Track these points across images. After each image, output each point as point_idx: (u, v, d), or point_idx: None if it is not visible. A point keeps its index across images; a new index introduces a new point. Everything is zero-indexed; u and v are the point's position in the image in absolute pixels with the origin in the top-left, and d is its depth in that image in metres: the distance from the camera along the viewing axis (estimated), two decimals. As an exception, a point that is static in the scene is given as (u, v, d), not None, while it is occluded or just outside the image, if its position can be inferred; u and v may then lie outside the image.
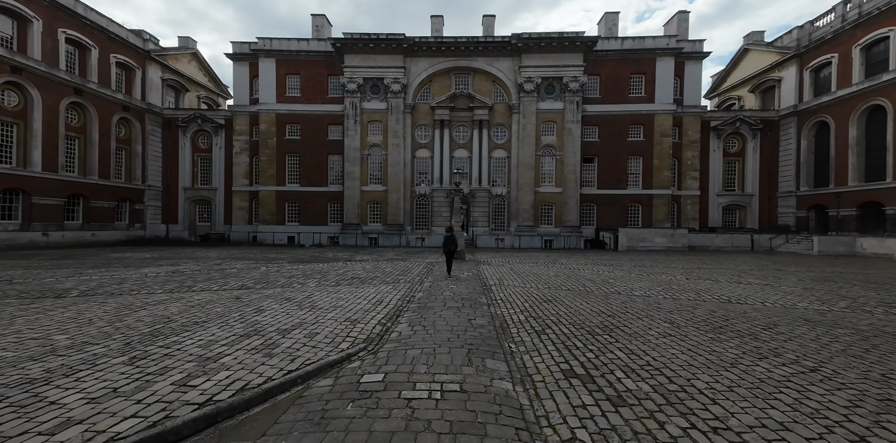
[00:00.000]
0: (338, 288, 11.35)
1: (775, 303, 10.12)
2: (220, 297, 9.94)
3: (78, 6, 31.10)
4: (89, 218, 32.39)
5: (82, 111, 31.99)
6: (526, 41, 31.99)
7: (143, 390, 4.38)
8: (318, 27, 36.80)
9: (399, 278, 13.37)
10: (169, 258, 20.58)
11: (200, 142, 38.92)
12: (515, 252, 27.96)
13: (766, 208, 37.27)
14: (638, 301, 9.92)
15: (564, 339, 6.61)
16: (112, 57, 34.35)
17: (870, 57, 31.06)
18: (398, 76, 33.24)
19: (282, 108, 35.13)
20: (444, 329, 6.96)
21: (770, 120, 37.22)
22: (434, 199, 34.03)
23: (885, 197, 29.05)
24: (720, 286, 12.62)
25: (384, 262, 19.20)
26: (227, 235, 36.99)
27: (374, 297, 10.05)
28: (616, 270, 16.47)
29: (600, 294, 10.86)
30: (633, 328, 7.26)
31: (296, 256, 22.43)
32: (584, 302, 9.68)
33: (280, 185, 35.14)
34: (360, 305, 9.06)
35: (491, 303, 9.49)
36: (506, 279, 13.42)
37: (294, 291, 10.87)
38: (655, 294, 11.02)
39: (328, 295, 10.21)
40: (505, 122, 34.00)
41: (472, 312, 8.28)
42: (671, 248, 30.30)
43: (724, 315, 8.50)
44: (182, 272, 14.92)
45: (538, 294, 10.69)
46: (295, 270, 15.69)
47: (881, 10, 29.15)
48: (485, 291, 11.10)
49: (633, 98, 34.36)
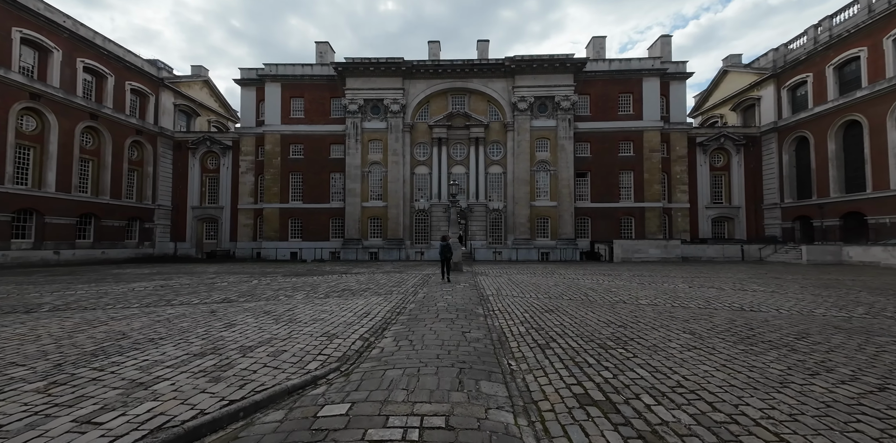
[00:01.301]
0: (325, 300, 10.06)
1: (791, 310, 8.84)
2: (196, 311, 8.66)
3: (97, 38, 31.18)
4: (100, 236, 31.45)
5: (97, 135, 31.52)
6: (519, 63, 31.56)
7: (33, 428, 3.13)
8: (322, 53, 36.57)
9: (392, 290, 12.07)
10: (166, 273, 19.32)
11: (209, 163, 38.24)
12: (513, 264, 26.64)
13: (753, 220, 36.21)
14: (647, 310, 8.64)
15: (573, 354, 5.31)
16: (127, 84, 34.17)
17: (843, 75, 30.87)
18: (397, 97, 32.70)
19: (286, 129, 34.49)
20: (434, 344, 5.67)
21: (752, 136, 36.61)
22: (433, 214, 32.93)
23: (867, 207, 28.29)
24: (726, 294, 11.33)
25: (380, 274, 17.86)
26: (233, 252, 35.78)
27: (362, 309, 8.77)
28: (616, 280, 15.17)
29: (605, 303, 9.58)
30: (651, 340, 5.98)
31: (293, 270, 21.11)
32: (589, 311, 8.39)
33: (283, 202, 34.13)
34: (343, 317, 7.78)
35: (488, 314, 8.21)
36: (503, 289, 12.13)
37: (277, 304, 9.58)
38: (663, 302, 9.73)
39: (312, 308, 8.92)
40: (500, 139, 33.24)
41: (467, 324, 7.00)
42: (665, 259, 28.98)
43: (746, 324, 7.21)
44: (170, 286, 13.64)
45: (538, 304, 9.40)
46: (286, 283, 14.39)
47: (850, 33, 29.08)
48: (481, 301, 9.83)
49: (622, 116, 33.72)
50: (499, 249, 32.16)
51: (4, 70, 24.68)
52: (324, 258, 33.06)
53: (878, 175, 27.53)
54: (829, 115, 30.67)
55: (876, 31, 27.54)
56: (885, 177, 26.99)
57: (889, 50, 26.94)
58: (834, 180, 30.76)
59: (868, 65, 28.35)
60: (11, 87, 25.09)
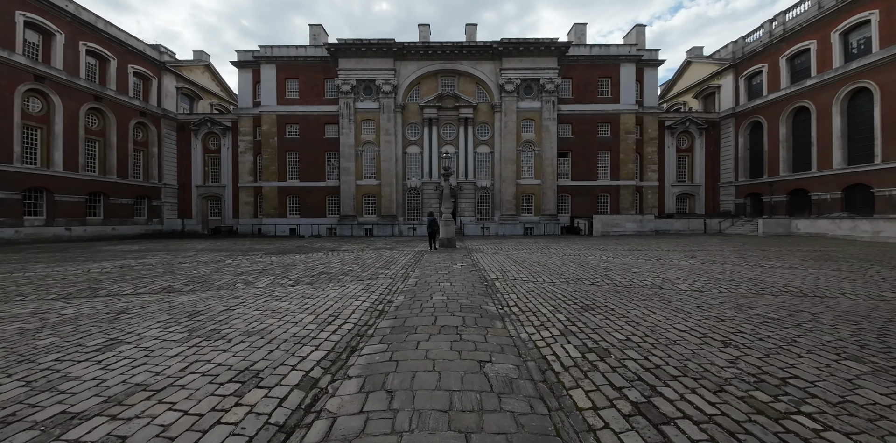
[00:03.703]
0: (290, 290, 6.57)
1: (859, 294, 5.81)
2: (99, 312, 5.13)
3: (99, 22, 26.62)
4: (110, 214, 27.58)
5: (101, 116, 27.20)
6: (506, 45, 27.15)
7: None
8: (315, 36, 31.29)
9: (378, 273, 8.56)
10: (151, 251, 15.51)
11: (210, 143, 33.45)
12: (501, 239, 23.40)
13: (711, 197, 33.86)
14: (712, 303, 5.42)
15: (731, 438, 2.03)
16: (130, 67, 29.26)
17: (794, 66, 28.45)
18: (389, 78, 28.10)
19: (281, 110, 29.73)
20: (436, 399, 2.42)
21: (712, 120, 33.66)
22: (424, 191, 29.18)
23: (811, 185, 26.72)
24: (754, 272, 8.26)
25: (370, 251, 14.18)
26: (236, 228, 31.77)
27: (332, 305, 5.34)
28: (618, 256, 11.98)
29: (643, 291, 6.35)
30: (834, 389, 2.74)
31: (282, 246, 17.12)
32: (642, 308, 5.12)
33: (281, 181, 29.83)
34: (296, 327, 4.34)
35: (504, 313, 4.89)
36: (508, 271, 8.75)
37: (222, 298, 6.07)
38: (708, 288, 6.59)
39: (263, 305, 5.43)
40: (488, 120, 29.16)
41: (482, 341, 3.68)
42: (640, 232, 26.16)
43: (880, 325, 4.05)
44: (130, 268, 9.99)
45: (563, 294, 6.10)
46: (261, 263, 10.71)
47: (802, 27, 26.69)
48: (488, 289, 6.49)
49: (601, 99, 29.90)
50: (486, 225, 28.83)
51: (9, 52, 21.28)
52: (321, 234, 29.29)
53: (822, 156, 25.95)
54: (782, 101, 28.49)
55: (825, 26, 25.33)
56: (829, 158, 25.46)
57: (836, 43, 24.85)
58: (783, 161, 28.93)
59: (817, 56, 26.15)
60: (16, 69, 21.79)
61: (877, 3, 22.11)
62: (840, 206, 24.94)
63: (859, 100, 23.82)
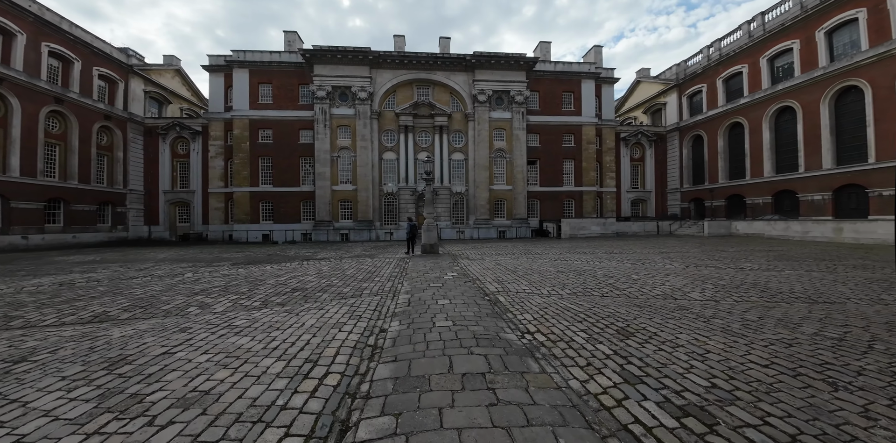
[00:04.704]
0: (255, 316, 4.95)
1: (861, 299, 5.19)
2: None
3: (63, 23, 23.48)
4: (71, 221, 24.00)
5: (63, 119, 23.80)
6: (479, 58, 26.40)
7: None
8: (290, 42, 28.99)
9: (363, 287, 7.04)
10: (106, 262, 12.90)
11: (179, 148, 29.87)
12: (479, 243, 22.36)
13: (660, 201, 34.93)
14: (751, 318, 4.51)
15: None
16: (95, 70, 25.89)
17: (729, 86, 29.88)
18: (364, 85, 26.39)
19: (254, 114, 27.06)
20: None
21: (660, 134, 34.87)
22: (401, 196, 27.61)
23: (746, 191, 27.97)
24: (743, 275, 7.68)
25: (349, 259, 12.43)
26: (205, 235, 28.39)
27: (308, 341, 3.84)
28: (604, 261, 11.18)
29: (660, 303, 5.39)
30: None
31: (252, 256, 14.83)
32: (685, 330, 4.09)
33: (254, 186, 27.07)
34: (259, 384, 2.85)
35: (531, 345, 3.67)
36: (505, 281, 7.49)
37: (166, 329, 4.39)
38: (721, 297, 5.77)
39: (217, 343, 3.83)
40: (462, 128, 28.20)
41: (528, 400, 2.44)
42: (603, 234, 26.19)
43: None
44: (71, 285, 7.84)
45: (582, 311, 4.98)
46: (225, 277, 8.75)
47: (736, 52, 28.12)
48: (494, 307, 5.24)
49: (565, 111, 29.92)
50: (461, 229, 27.72)
51: (-39, 52, 17.58)
52: (295, 240, 26.81)
53: (755, 166, 27.22)
54: (719, 117, 29.75)
55: (755, 52, 26.75)
56: (761, 167, 26.74)
57: (764, 67, 26.30)
58: (722, 170, 30.18)
59: (749, 78, 27.52)
60: (-30, 69, 18.25)
61: (798, 33, 23.60)
62: (771, 209, 26.27)
63: (785, 116, 25.27)
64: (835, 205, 21.92)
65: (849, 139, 21.44)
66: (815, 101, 22.64)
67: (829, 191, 22.01)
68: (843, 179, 21.24)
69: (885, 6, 18.93)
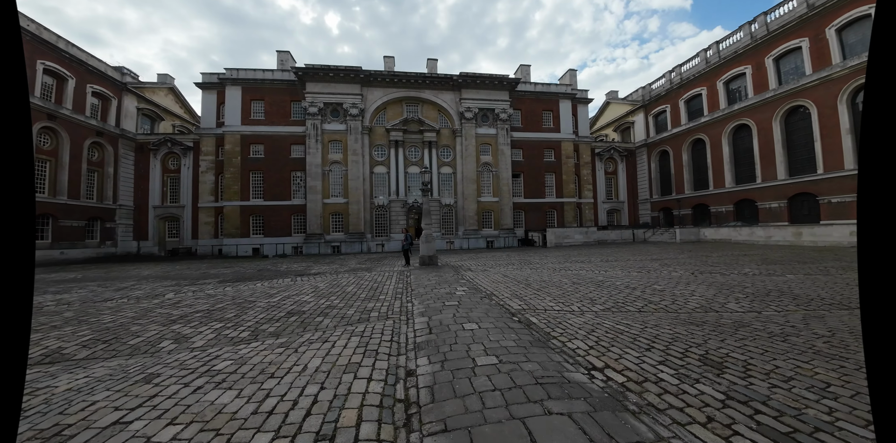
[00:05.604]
0: (242, 354, 3.69)
1: None
2: None
3: (60, 42, 22.25)
4: (59, 237, 21.93)
5: (54, 135, 22.00)
6: (466, 78, 26.19)
7: None
8: (283, 61, 27.92)
9: (368, 308, 5.77)
10: (85, 280, 11.02)
11: (170, 163, 27.86)
12: (470, 253, 21.37)
13: (632, 211, 35.37)
14: (819, 334, 3.72)
15: None
16: (89, 87, 24.29)
17: (691, 106, 31.10)
18: (356, 102, 25.50)
19: (246, 130, 25.51)
20: None
21: (630, 149, 35.72)
22: (392, 209, 26.43)
23: (710, 200, 28.61)
24: (753, 281, 7.06)
25: (346, 274, 10.98)
26: (195, 250, 26.10)
27: (314, 395, 2.63)
28: (609, 270, 10.37)
29: (709, 319, 4.54)
30: None
31: (240, 271, 13.08)
32: (774, 354, 3.20)
33: (244, 200, 25.19)
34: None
35: (612, 390, 2.64)
36: (524, 296, 6.39)
37: (127, 377, 3.09)
38: (758, 307, 5.00)
39: (189, 401, 2.58)
40: (450, 143, 27.62)
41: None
42: (586, 242, 25.85)
43: None
44: (37, 309, 6.02)
45: (636, 334, 4.02)
46: (209, 298, 7.33)
47: (695, 77, 29.33)
48: (532, 332, 4.19)
49: (546, 128, 30.07)
50: (451, 240, 26.69)
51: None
52: (286, 253, 24.95)
53: (717, 177, 27.97)
54: (682, 134, 30.65)
55: (712, 76, 27.91)
56: (722, 179, 27.50)
57: (721, 89, 27.42)
58: (687, 181, 30.93)
59: (708, 99, 28.61)
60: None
61: (749, 60, 24.81)
62: (733, 217, 26.86)
63: (742, 133, 26.24)
64: (790, 211, 22.58)
65: (800, 152, 22.29)
66: (767, 120, 23.60)
67: (784, 199, 22.69)
68: (797, 188, 21.95)
69: (824, 36, 20.12)
